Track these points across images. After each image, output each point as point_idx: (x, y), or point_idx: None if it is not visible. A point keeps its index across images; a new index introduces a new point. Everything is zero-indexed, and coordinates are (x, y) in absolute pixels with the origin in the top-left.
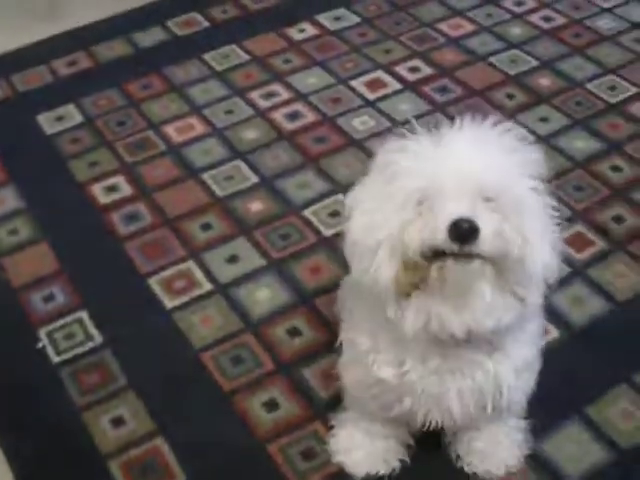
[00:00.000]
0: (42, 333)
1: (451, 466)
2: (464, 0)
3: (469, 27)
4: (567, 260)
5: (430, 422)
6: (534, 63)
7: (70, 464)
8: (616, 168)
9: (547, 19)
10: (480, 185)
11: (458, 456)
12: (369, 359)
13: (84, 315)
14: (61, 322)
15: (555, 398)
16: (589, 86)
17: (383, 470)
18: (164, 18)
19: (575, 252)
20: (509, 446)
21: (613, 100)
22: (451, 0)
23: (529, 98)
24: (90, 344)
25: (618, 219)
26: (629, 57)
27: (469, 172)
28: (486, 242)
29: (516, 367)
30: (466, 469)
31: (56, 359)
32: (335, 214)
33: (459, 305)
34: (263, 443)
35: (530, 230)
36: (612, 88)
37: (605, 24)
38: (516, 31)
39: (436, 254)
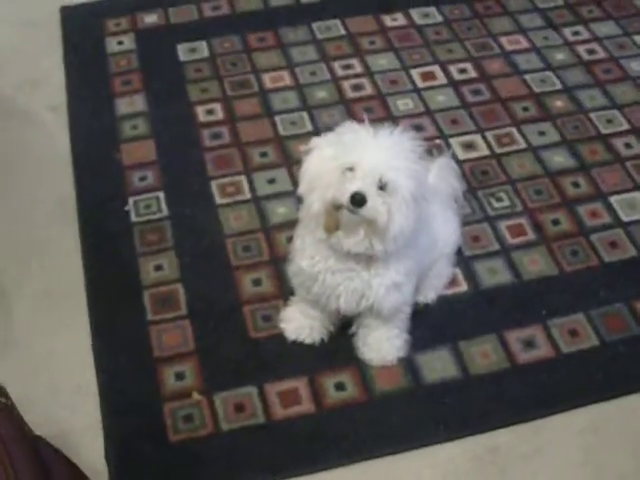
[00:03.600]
0: (131, 200)
1: (352, 351)
2: (533, 21)
3: (524, 44)
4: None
5: (334, 307)
6: (558, 86)
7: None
8: (576, 184)
9: (590, 52)
10: (379, 177)
11: (357, 345)
12: (297, 253)
13: (161, 195)
14: (144, 196)
15: (443, 328)
16: (592, 115)
17: (307, 340)
18: None
19: (510, 237)
20: (390, 346)
21: (605, 131)
22: (522, 18)
23: (539, 114)
24: (158, 214)
25: (555, 222)
26: (638, 98)
27: (375, 167)
28: (368, 210)
29: (385, 284)
30: (359, 355)
31: (134, 219)
32: None
33: (347, 235)
34: (243, 304)
35: (397, 209)
36: (609, 121)
37: (637, 66)
38: (559, 56)
39: (341, 206)
